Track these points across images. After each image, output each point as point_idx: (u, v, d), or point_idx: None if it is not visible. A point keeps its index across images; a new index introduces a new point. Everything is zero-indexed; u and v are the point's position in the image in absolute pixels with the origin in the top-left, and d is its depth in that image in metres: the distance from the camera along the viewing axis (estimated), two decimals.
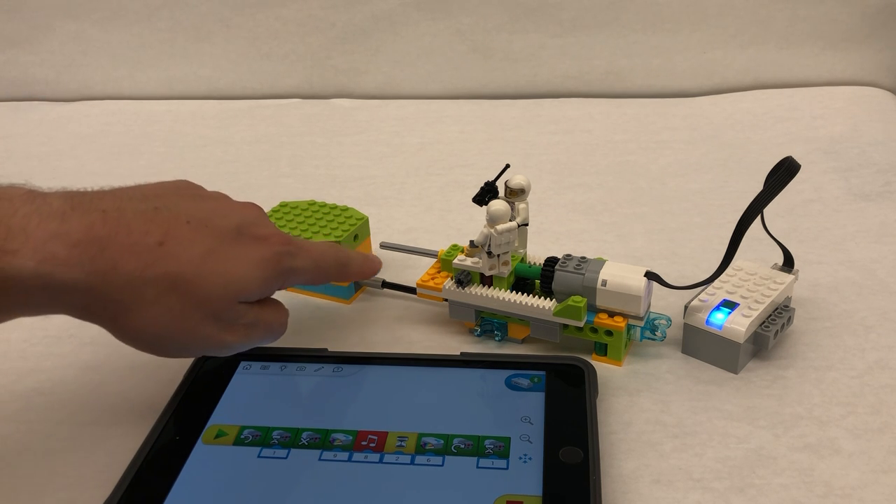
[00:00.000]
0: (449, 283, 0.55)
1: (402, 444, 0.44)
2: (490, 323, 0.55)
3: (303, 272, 0.48)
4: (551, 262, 0.53)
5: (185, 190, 0.47)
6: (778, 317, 0.52)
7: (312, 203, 0.63)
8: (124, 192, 0.44)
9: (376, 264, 0.55)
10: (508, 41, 0.97)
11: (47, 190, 0.41)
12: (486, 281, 0.54)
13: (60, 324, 0.59)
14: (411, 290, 0.58)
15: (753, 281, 0.53)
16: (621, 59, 0.96)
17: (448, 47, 0.98)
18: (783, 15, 0.93)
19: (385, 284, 0.60)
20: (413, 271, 0.61)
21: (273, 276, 0.46)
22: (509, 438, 0.44)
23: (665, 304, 0.54)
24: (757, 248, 0.57)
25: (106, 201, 0.42)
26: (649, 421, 0.48)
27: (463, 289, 0.54)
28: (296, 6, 0.97)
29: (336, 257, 0.52)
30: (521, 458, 0.43)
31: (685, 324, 0.52)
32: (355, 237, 0.60)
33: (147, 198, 0.44)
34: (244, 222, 0.46)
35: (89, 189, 0.43)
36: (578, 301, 0.51)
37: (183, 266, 0.42)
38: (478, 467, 0.43)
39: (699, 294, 0.53)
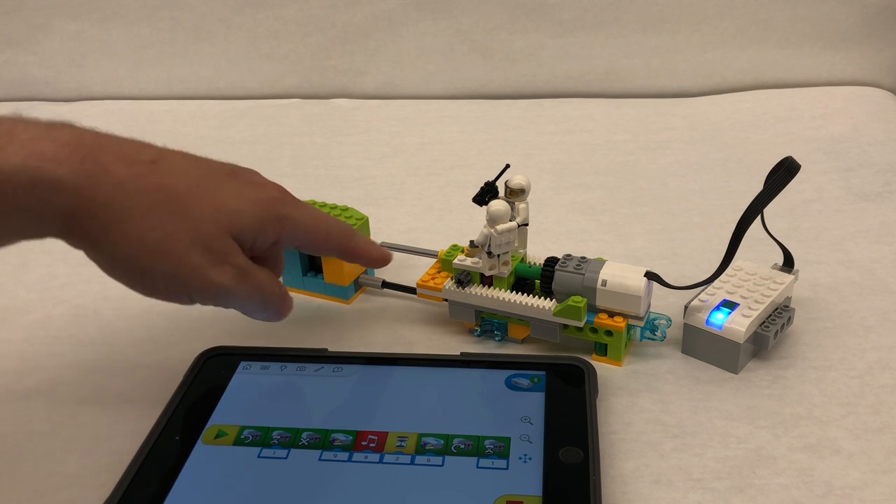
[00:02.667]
0: (449, 284, 0.55)
1: (402, 444, 0.44)
2: (490, 323, 0.55)
3: (301, 225, 0.46)
4: (551, 262, 0.53)
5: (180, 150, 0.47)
6: (778, 317, 0.52)
7: (312, 203, 0.63)
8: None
9: (386, 253, 0.53)
10: (508, 41, 0.97)
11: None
12: (486, 281, 0.54)
13: (60, 324, 0.59)
14: (411, 290, 0.58)
15: (753, 281, 0.53)
16: (621, 59, 0.96)
17: (448, 47, 0.98)
18: (783, 15, 0.93)
19: (385, 284, 0.60)
20: (413, 271, 0.61)
21: (268, 218, 0.44)
22: (509, 438, 0.44)
23: (665, 304, 0.54)
24: (757, 248, 0.57)
25: (99, 130, 0.41)
26: (649, 421, 0.48)
27: (463, 289, 0.54)
28: (296, 6, 0.97)
29: (340, 226, 0.50)
30: (521, 458, 0.43)
31: (685, 324, 0.52)
32: None
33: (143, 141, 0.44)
34: (240, 169, 0.46)
35: None
36: (578, 301, 0.51)
37: (176, 182, 0.41)
38: (478, 467, 0.43)
39: (699, 294, 0.53)
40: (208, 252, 0.41)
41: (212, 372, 0.51)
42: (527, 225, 0.55)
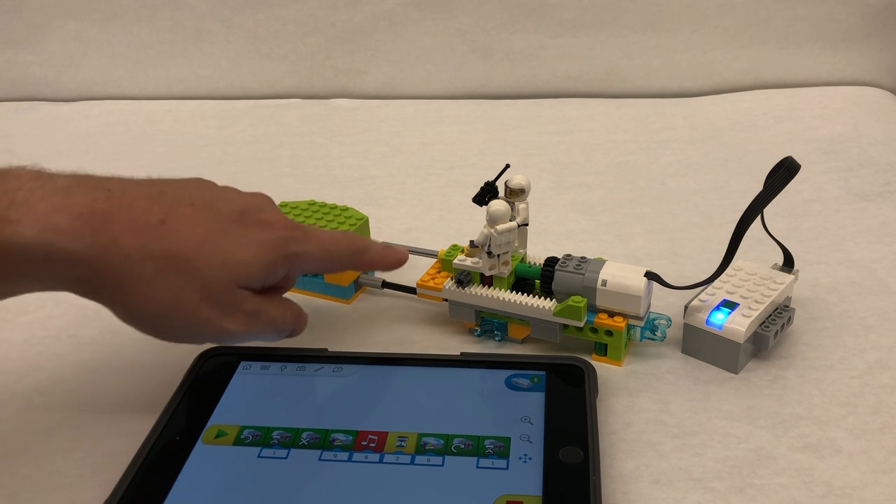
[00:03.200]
0: (449, 284, 0.55)
1: (402, 444, 0.44)
2: (490, 323, 0.55)
3: (311, 258, 0.48)
4: (551, 262, 0.53)
5: (194, 181, 0.47)
6: (778, 317, 0.52)
7: (312, 203, 0.63)
8: (133, 179, 0.44)
9: (401, 254, 0.53)
10: (508, 41, 0.97)
11: (56, 171, 0.42)
12: (487, 281, 0.54)
13: (60, 324, 0.59)
14: (411, 290, 0.58)
15: (753, 281, 0.53)
16: (621, 59, 0.96)
17: (448, 47, 0.98)
18: (783, 15, 0.93)
19: (385, 284, 0.60)
20: (413, 271, 0.61)
21: (276, 260, 0.45)
22: (509, 438, 0.44)
23: (665, 304, 0.54)
24: (757, 248, 0.57)
25: (112, 182, 0.43)
26: (649, 421, 0.48)
27: (463, 289, 0.54)
28: (296, 6, 0.97)
29: (350, 244, 0.51)
30: (521, 458, 0.43)
31: (685, 324, 0.52)
32: None
33: (154, 184, 0.45)
34: (249, 207, 0.46)
35: (99, 175, 0.44)
36: (578, 301, 0.51)
37: (183, 244, 0.42)
38: (478, 467, 0.43)
39: (699, 294, 0.53)
40: (218, 305, 0.43)
41: (212, 372, 0.51)
42: (527, 225, 0.55)
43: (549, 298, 0.53)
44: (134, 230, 0.41)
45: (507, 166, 0.53)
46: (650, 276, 0.51)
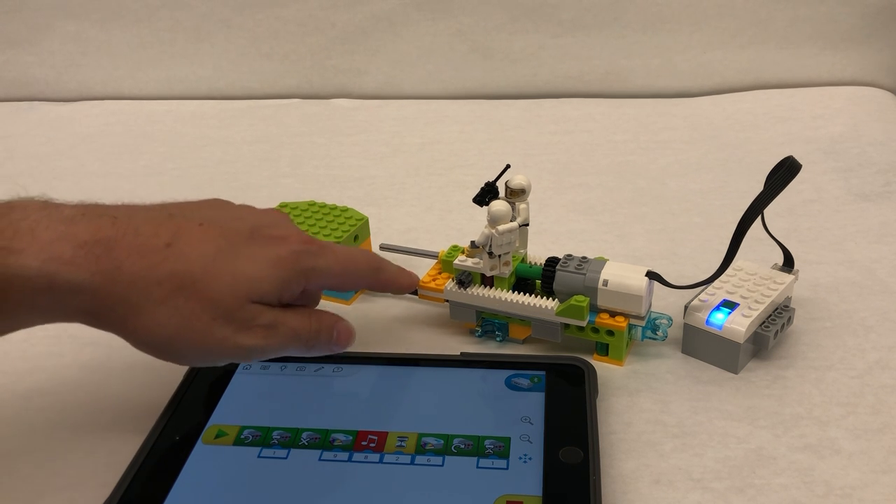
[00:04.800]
0: (450, 284, 0.55)
1: (402, 444, 0.44)
2: (491, 323, 0.55)
3: (327, 273, 0.46)
4: (552, 262, 0.53)
5: (208, 202, 0.47)
6: (778, 317, 0.52)
7: (312, 203, 0.63)
8: (142, 204, 0.44)
9: (413, 279, 0.53)
10: (508, 41, 0.97)
11: (63, 202, 0.41)
12: (488, 281, 0.54)
13: (60, 324, 0.58)
14: (412, 290, 0.58)
15: (753, 281, 0.53)
16: (621, 59, 0.96)
17: (448, 47, 0.98)
18: (783, 15, 0.93)
19: None
20: (413, 271, 0.61)
21: (290, 275, 0.44)
22: (509, 438, 0.44)
23: (665, 304, 0.54)
24: (757, 248, 0.57)
25: (119, 209, 0.42)
26: (649, 421, 0.48)
27: (464, 290, 0.54)
28: (296, 6, 0.97)
29: (367, 261, 0.50)
30: (521, 458, 0.43)
31: (685, 324, 0.52)
32: (355, 238, 0.60)
33: (164, 207, 0.44)
34: (261, 224, 0.45)
35: (108, 203, 0.43)
36: (581, 301, 0.51)
37: (190, 265, 0.41)
38: (478, 467, 0.43)
39: (699, 294, 0.53)
40: (231, 322, 0.42)
41: (212, 372, 0.51)
42: (527, 225, 0.55)
43: (550, 298, 0.53)
44: (140, 254, 0.40)
45: (508, 166, 0.53)
46: (651, 275, 0.51)
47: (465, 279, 0.54)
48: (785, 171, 0.49)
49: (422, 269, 0.59)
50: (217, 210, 0.46)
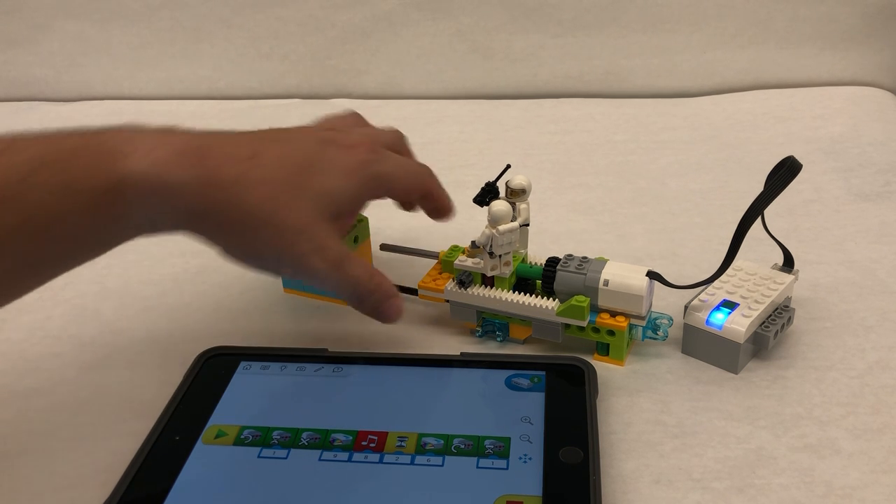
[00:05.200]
0: (451, 285, 0.55)
1: (402, 444, 0.44)
2: (491, 324, 0.55)
3: (393, 177, 0.50)
4: (553, 262, 0.53)
5: (273, 129, 0.49)
6: (778, 317, 0.52)
7: None
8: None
9: (452, 206, 0.55)
10: (508, 41, 0.97)
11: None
12: (488, 282, 0.54)
13: (60, 324, 0.59)
14: (412, 291, 0.58)
15: (753, 281, 0.53)
16: (621, 59, 0.96)
17: (448, 47, 0.97)
18: (783, 15, 0.93)
19: None
20: (413, 272, 0.61)
21: (362, 183, 0.48)
22: (509, 438, 0.44)
23: (665, 304, 0.54)
24: (757, 248, 0.57)
25: (195, 130, 0.45)
26: (649, 421, 0.48)
27: (465, 290, 0.54)
28: (296, 6, 0.97)
29: (421, 166, 0.53)
30: (521, 458, 0.43)
31: (685, 324, 0.52)
32: (355, 238, 0.60)
33: (235, 131, 0.47)
34: (332, 133, 0.49)
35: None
36: (582, 301, 0.51)
37: (276, 174, 0.44)
38: (478, 467, 0.43)
39: (699, 294, 0.53)
40: (311, 240, 0.45)
41: (212, 372, 0.51)
42: (527, 225, 0.55)
43: (550, 298, 0.53)
44: (230, 162, 0.43)
45: (508, 166, 0.53)
46: (652, 275, 0.51)
47: (465, 279, 0.54)
48: (785, 171, 0.49)
49: (422, 269, 0.59)
50: (283, 131, 0.49)
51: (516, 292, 0.53)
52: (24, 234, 0.39)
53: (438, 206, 0.55)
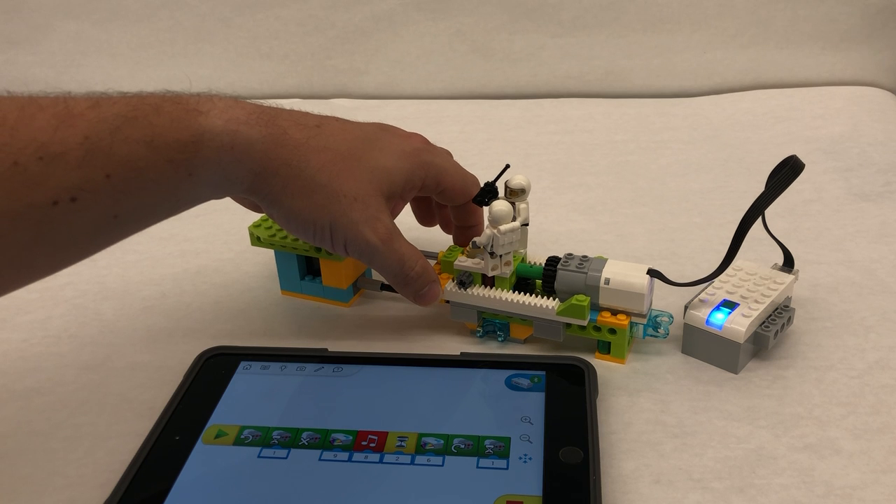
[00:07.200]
0: (451, 285, 0.55)
1: (402, 444, 0.44)
2: (492, 324, 0.55)
3: (442, 169, 0.52)
4: (553, 261, 0.53)
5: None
6: (778, 317, 0.52)
7: None
8: None
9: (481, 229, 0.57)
10: (508, 41, 0.97)
11: None
12: (488, 282, 0.54)
13: (60, 324, 0.59)
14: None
15: (753, 281, 0.53)
16: (621, 59, 0.96)
17: (448, 47, 0.98)
18: (783, 15, 0.93)
19: (384, 287, 0.60)
20: None
21: (414, 168, 0.50)
22: (509, 438, 0.44)
23: (665, 304, 0.54)
24: (757, 248, 0.57)
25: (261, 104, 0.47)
26: (649, 421, 0.48)
27: (465, 290, 0.54)
28: (296, 6, 0.97)
29: (468, 173, 0.55)
30: (521, 458, 0.43)
31: (685, 324, 0.52)
32: None
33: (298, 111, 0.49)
34: (389, 125, 0.53)
35: None
36: (582, 300, 0.51)
37: (339, 144, 0.47)
38: (478, 467, 0.43)
39: (699, 294, 0.53)
40: (365, 210, 0.47)
41: (212, 372, 0.51)
42: (527, 225, 0.55)
43: (551, 298, 0.53)
44: (299, 128, 0.46)
45: (508, 166, 0.53)
46: (652, 273, 0.51)
47: (465, 279, 0.54)
48: (788, 170, 0.49)
49: None
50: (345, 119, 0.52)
51: (517, 292, 0.53)
52: (111, 186, 0.39)
53: (470, 223, 0.56)
